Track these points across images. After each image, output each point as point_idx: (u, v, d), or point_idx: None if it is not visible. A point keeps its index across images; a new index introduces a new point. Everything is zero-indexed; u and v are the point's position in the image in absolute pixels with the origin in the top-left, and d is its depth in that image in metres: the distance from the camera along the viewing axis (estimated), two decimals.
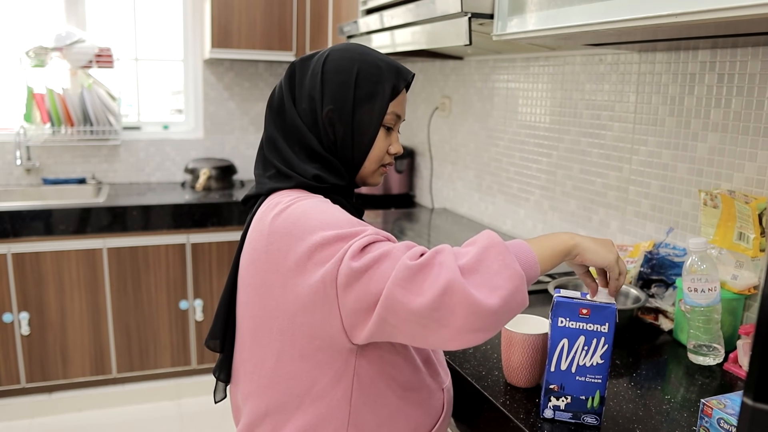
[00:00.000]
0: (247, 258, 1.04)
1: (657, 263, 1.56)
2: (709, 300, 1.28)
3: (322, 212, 0.96)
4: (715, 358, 1.30)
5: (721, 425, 0.98)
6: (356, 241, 0.90)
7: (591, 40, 1.45)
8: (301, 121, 1.07)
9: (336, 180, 1.08)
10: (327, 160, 1.08)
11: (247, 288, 1.05)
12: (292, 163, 1.07)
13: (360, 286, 0.88)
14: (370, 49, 1.11)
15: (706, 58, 1.48)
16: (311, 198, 1.02)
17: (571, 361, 1.03)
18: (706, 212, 1.43)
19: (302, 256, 0.93)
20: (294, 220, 0.96)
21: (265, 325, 1.01)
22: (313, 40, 3.05)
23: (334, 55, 1.09)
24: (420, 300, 0.85)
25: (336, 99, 1.06)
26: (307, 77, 1.08)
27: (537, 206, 2.15)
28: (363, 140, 1.08)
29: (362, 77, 1.06)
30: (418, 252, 0.90)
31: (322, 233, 0.92)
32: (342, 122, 1.06)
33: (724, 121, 1.44)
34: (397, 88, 1.08)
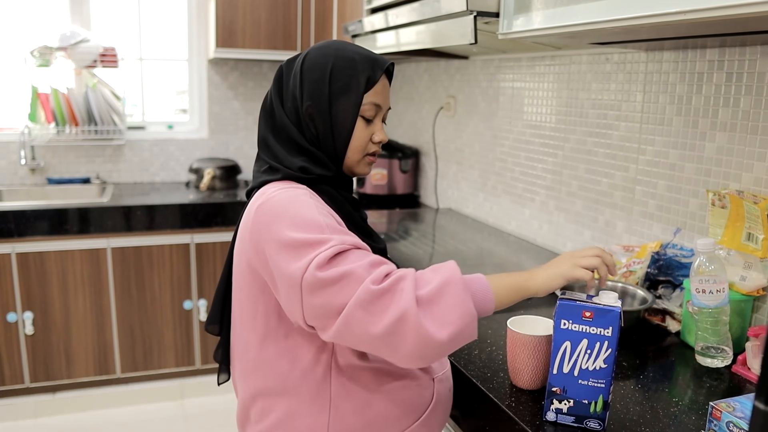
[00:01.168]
0: (237, 245, 1.13)
1: (664, 264, 1.54)
2: (717, 301, 1.27)
3: (296, 209, 1.01)
4: (723, 361, 1.28)
5: (730, 429, 0.96)
6: (322, 251, 0.94)
7: (598, 38, 1.43)
8: (288, 119, 1.13)
9: (322, 171, 1.12)
10: (311, 153, 1.13)
11: (237, 274, 1.13)
12: (280, 157, 1.13)
13: (323, 296, 0.93)
14: (347, 44, 1.15)
15: (714, 56, 1.46)
16: (295, 189, 1.06)
17: (573, 365, 1.01)
18: (714, 213, 1.42)
19: (274, 247, 0.99)
20: (271, 212, 1.02)
21: (252, 308, 1.10)
22: (317, 39, 3.04)
23: (312, 53, 1.14)
24: (376, 325, 0.90)
25: (313, 95, 1.11)
26: (291, 77, 1.14)
27: (542, 206, 2.13)
28: (342, 132, 1.12)
29: (336, 72, 1.11)
30: (382, 274, 0.93)
31: (291, 234, 0.97)
32: (320, 117, 1.11)
33: (733, 121, 1.43)
34: (372, 79, 1.12)
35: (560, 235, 2.05)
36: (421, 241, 2.16)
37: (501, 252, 2.02)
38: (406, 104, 3.17)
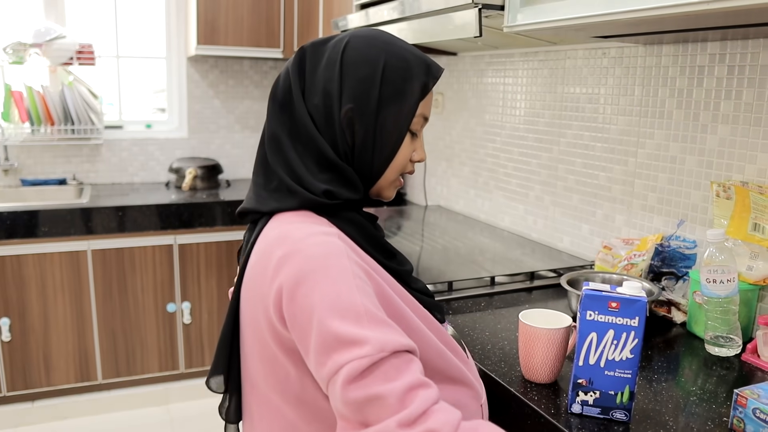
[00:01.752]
0: (250, 295, 0.92)
1: (668, 256, 1.55)
2: (727, 291, 1.28)
3: (334, 282, 0.81)
4: (733, 349, 1.30)
5: (757, 415, 0.97)
6: (355, 360, 0.76)
7: (604, 31, 1.44)
8: (312, 120, 0.93)
9: (349, 194, 0.93)
10: (341, 169, 0.92)
11: (251, 327, 0.93)
12: (300, 174, 0.92)
13: (346, 412, 0.78)
14: (395, 38, 0.97)
15: (716, 50, 1.48)
16: (328, 241, 0.85)
17: (600, 356, 1.00)
18: (719, 204, 1.43)
19: (305, 323, 0.81)
20: (304, 279, 0.81)
21: (279, 368, 0.90)
22: (301, 36, 3.01)
23: (355, 42, 0.94)
24: None
25: (358, 97, 0.91)
26: (320, 66, 0.93)
27: (537, 202, 2.13)
28: (386, 146, 0.94)
29: (389, 72, 0.92)
30: (415, 415, 0.74)
31: (327, 321, 0.78)
32: (363, 124, 0.92)
33: (735, 113, 1.44)
34: (427, 87, 0.95)
35: (557, 230, 2.05)
36: (411, 237, 2.15)
37: (496, 247, 2.01)
38: None
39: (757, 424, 0.97)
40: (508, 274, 1.73)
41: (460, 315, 1.47)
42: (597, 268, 1.67)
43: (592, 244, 1.90)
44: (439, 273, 1.72)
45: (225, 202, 2.95)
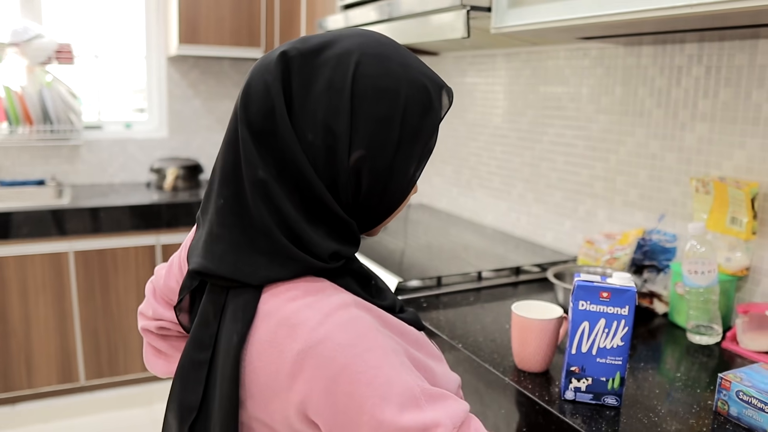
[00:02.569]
0: (256, 391, 0.73)
1: (649, 249, 1.61)
2: (708, 281, 1.33)
3: (378, 365, 0.68)
4: (714, 337, 1.35)
5: (740, 397, 1.02)
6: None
7: (588, 33, 1.49)
8: (308, 160, 0.72)
9: (351, 250, 0.78)
10: (344, 223, 0.76)
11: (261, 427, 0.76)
12: (300, 234, 0.73)
13: None
14: (407, 53, 0.79)
15: (694, 51, 1.54)
16: (345, 312, 0.71)
17: (591, 344, 1.05)
18: (698, 199, 1.49)
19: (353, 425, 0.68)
20: (340, 371, 0.67)
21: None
22: (283, 36, 3.02)
23: (368, 67, 0.73)
24: None
25: (373, 141, 0.73)
26: (317, 89, 0.72)
27: (520, 199, 2.18)
28: (396, 193, 0.78)
29: (410, 108, 0.74)
30: None
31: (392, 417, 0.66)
32: (375, 172, 0.74)
33: (713, 111, 1.50)
34: (441, 116, 0.80)
35: (540, 226, 2.11)
36: (395, 235, 2.18)
37: (480, 244, 2.06)
38: None
39: (741, 406, 1.02)
40: (494, 269, 1.78)
41: (450, 309, 1.51)
42: (580, 262, 1.72)
43: (575, 240, 1.96)
44: (425, 269, 1.75)
45: None
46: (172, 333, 0.97)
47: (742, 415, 1.02)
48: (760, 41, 1.39)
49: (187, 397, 0.79)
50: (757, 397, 0.99)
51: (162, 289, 0.93)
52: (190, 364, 0.79)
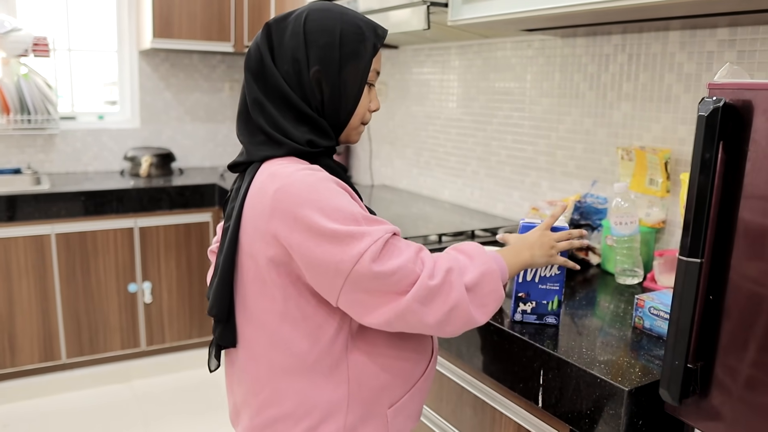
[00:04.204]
0: (249, 229, 1.06)
1: (585, 211, 1.89)
2: (631, 230, 1.61)
3: (327, 197, 0.99)
4: (637, 278, 1.63)
5: (652, 312, 1.29)
6: (372, 244, 0.97)
7: (530, 25, 1.75)
8: (285, 83, 1.08)
9: (327, 142, 1.10)
10: (316, 121, 1.09)
11: (248, 258, 1.08)
12: (284, 127, 1.08)
13: (373, 288, 0.99)
14: (347, 9, 1.14)
15: (618, 41, 1.82)
16: (314, 172, 1.03)
17: (534, 273, 1.30)
18: (623, 165, 1.77)
19: (305, 235, 0.98)
20: (297, 198, 0.99)
21: (269, 291, 1.06)
22: (252, 31, 3.22)
23: (314, 15, 1.09)
24: (432, 316, 1.00)
25: (323, 60, 1.07)
26: (286, 38, 1.09)
27: (474, 175, 2.44)
28: (350, 98, 1.11)
29: (345, 37, 1.08)
30: (431, 266, 1.01)
31: (328, 224, 0.96)
32: (329, 82, 1.08)
33: (635, 92, 1.79)
34: (376, 46, 1.12)
35: (491, 198, 2.37)
36: None
37: (439, 215, 2.31)
38: None
39: (652, 319, 1.29)
40: (452, 233, 2.03)
41: None
42: None
43: (522, 208, 2.23)
44: None
45: (183, 187, 3.13)
46: None
47: (653, 326, 1.29)
48: (670, 32, 1.67)
49: (218, 259, 1.14)
50: (665, 310, 1.26)
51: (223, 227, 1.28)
52: (223, 233, 1.15)
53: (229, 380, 1.23)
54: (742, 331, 0.93)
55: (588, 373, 1.11)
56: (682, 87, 1.65)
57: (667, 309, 1.25)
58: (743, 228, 0.92)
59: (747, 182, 0.91)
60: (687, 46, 1.63)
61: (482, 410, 1.41)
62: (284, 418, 1.10)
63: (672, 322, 0.97)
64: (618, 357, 1.18)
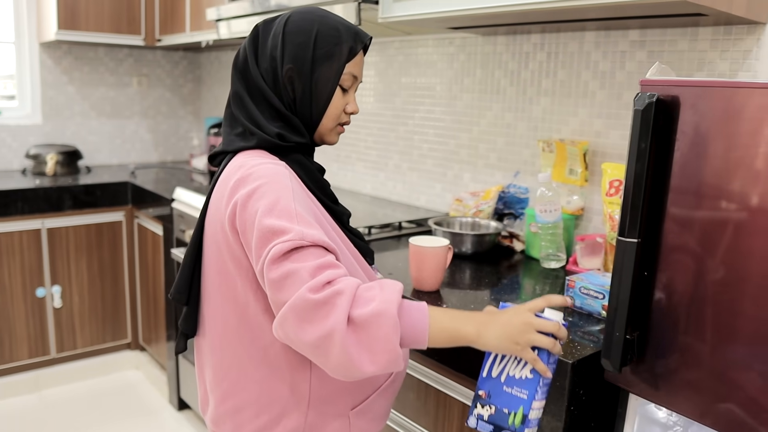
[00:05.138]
0: (212, 216, 1.12)
1: (507, 200, 1.99)
2: (554, 218, 1.72)
3: (275, 191, 1.01)
4: (561, 262, 1.74)
5: (582, 291, 1.39)
6: (278, 243, 0.95)
7: (457, 23, 1.82)
8: (263, 80, 1.13)
9: (297, 138, 1.14)
10: (288, 118, 1.13)
11: (212, 245, 1.12)
12: (258, 120, 1.13)
13: (269, 290, 0.97)
14: (330, 13, 1.17)
15: (537, 40, 1.93)
16: (275, 166, 1.06)
17: (502, 369, 1.03)
18: (544, 156, 1.88)
19: (249, 227, 1.00)
20: (251, 189, 1.02)
21: (230, 280, 1.09)
22: (164, 24, 3.13)
23: (295, 17, 1.14)
24: (306, 334, 0.91)
25: (296, 58, 1.11)
26: (269, 38, 1.14)
27: (396, 169, 2.51)
28: (320, 98, 1.14)
29: (321, 38, 1.12)
30: (323, 282, 0.92)
31: (265, 219, 0.98)
32: (301, 81, 1.12)
33: (553, 88, 1.90)
34: (354, 50, 1.14)
35: (414, 190, 2.44)
36: None
37: (363, 208, 2.36)
38: None
39: (582, 297, 1.39)
40: (380, 225, 2.08)
41: None
42: (452, 214, 2.07)
43: (445, 200, 2.31)
44: None
45: (93, 185, 3.00)
46: None
47: (583, 304, 1.39)
48: (586, 33, 1.80)
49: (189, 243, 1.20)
50: (593, 289, 1.37)
51: None
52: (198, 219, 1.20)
53: (199, 367, 1.24)
54: (672, 304, 1.03)
55: None
56: (598, 84, 1.78)
57: (597, 288, 1.36)
58: (673, 210, 1.02)
59: (675, 169, 1.01)
60: (602, 45, 1.76)
61: (426, 393, 1.47)
62: (245, 408, 1.12)
63: (612, 296, 1.06)
64: None
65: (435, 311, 0.99)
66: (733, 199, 0.94)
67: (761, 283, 0.92)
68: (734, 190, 0.94)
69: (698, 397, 1.01)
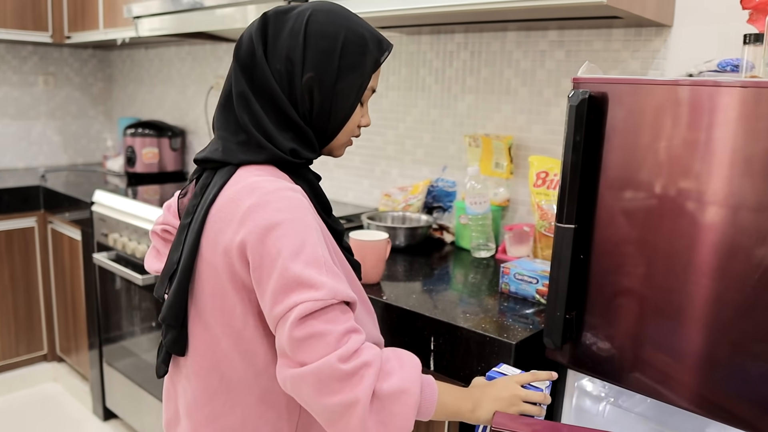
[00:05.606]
0: (211, 237, 0.99)
1: (436, 194, 2.07)
2: (484, 209, 1.80)
3: (301, 233, 0.92)
4: (491, 252, 1.83)
5: (516, 277, 1.48)
6: (308, 301, 0.88)
7: (386, 23, 1.87)
8: (275, 82, 1.00)
9: (309, 154, 1.04)
10: (302, 130, 1.03)
11: (206, 266, 1.01)
12: (269, 131, 1.01)
13: (288, 349, 0.91)
14: (353, 15, 1.06)
15: (461, 39, 2.01)
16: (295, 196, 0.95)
17: None
18: (471, 151, 1.97)
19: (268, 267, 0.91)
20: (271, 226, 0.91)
21: (227, 304, 1.00)
22: (73, 21, 3.01)
23: (318, 16, 1.01)
24: (326, 399, 0.88)
25: (318, 66, 1.00)
26: (283, 34, 1.01)
27: (323, 166, 2.53)
28: (341, 112, 1.04)
29: (348, 46, 1.01)
30: (351, 350, 0.89)
31: (290, 265, 0.90)
32: (322, 91, 1.01)
33: (477, 85, 1.99)
34: (378, 62, 1.05)
35: (341, 187, 2.48)
36: None
37: None
38: (167, 86, 3.31)
39: (517, 283, 1.48)
40: None
41: None
42: (381, 209, 2.12)
43: (373, 195, 2.36)
44: None
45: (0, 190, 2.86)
46: (172, 237, 1.22)
47: (518, 289, 1.48)
48: (507, 33, 1.89)
49: (172, 256, 1.06)
50: (527, 275, 1.45)
51: (174, 204, 1.24)
52: (179, 230, 1.07)
53: (173, 385, 1.15)
54: (604, 285, 1.13)
55: (478, 334, 1.26)
56: (520, 81, 1.88)
57: (530, 273, 1.45)
58: (603, 198, 1.11)
59: (605, 160, 1.10)
60: (523, 45, 1.86)
61: None
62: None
63: (552, 279, 1.14)
64: (494, 318, 1.34)
65: (444, 390, 0.99)
66: (655, 187, 1.04)
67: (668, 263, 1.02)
68: (649, 179, 1.04)
69: (626, 368, 1.11)
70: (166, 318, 1.05)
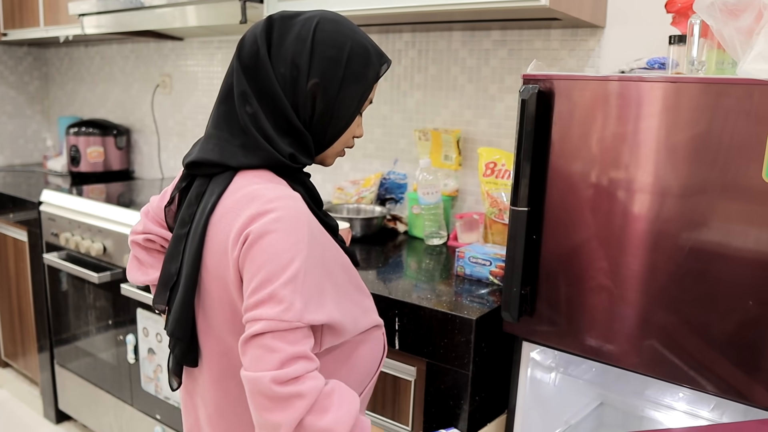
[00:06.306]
0: (215, 246, 0.99)
1: (388, 186, 2.16)
2: (435, 199, 1.91)
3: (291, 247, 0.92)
4: (443, 239, 1.94)
5: (471, 260, 1.59)
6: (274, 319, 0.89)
7: None
8: (279, 86, 1.00)
9: (306, 159, 1.05)
10: (301, 135, 1.03)
11: (214, 276, 1.00)
12: (268, 133, 1.00)
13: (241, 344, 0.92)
14: (357, 27, 1.07)
15: (409, 38, 2.11)
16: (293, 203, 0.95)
17: None
18: (421, 145, 2.07)
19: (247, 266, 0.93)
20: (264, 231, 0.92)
21: (237, 313, 0.99)
22: (10, 17, 2.95)
23: (326, 25, 1.02)
24: (256, 413, 0.90)
25: (324, 73, 1.00)
26: (289, 38, 1.01)
27: None
28: (341, 120, 1.06)
29: (353, 57, 1.02)
30: (290, 376, 0.88)
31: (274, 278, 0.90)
32: (325, 98, 1.02)
33: (425, 82, 2.09)
34: (378, 74, 1.08)
35: None
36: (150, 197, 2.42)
37: None
38: (109, 85, 3.28)
39: (471, 266, 1.58)
40: None
41: None
42: (334, 202, 2.20)
43: (326, 189, 2.43)
44: None
45: None
46: (155, 246, 1.22)
47: (473, 271, 1.58)
48: (453, 32, 2.01)
49: (169, 267, 1.06)
50: (481, 258, 1.57)
51: (154, 209, 1.21)
52: (174, 240, 1.06)
53: (189, 396, 1.16)
54: (555, 262, 1.25)
55: (441, 312, 1.36)
56: (466, 78, 1.99)
57: (484, 256, 1.56)
58: (552, 183, 1.23)
59: (553, 149, 1.22)
60: (468, 44, 1.97)
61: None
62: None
63: (509, 258, 1.26)
64: (453, 298, 1.45)
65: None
66: (592, 175, 1.17)
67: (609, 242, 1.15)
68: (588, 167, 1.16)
69: (575, 335, 1.23)
70: (174, 332, 1.04)
